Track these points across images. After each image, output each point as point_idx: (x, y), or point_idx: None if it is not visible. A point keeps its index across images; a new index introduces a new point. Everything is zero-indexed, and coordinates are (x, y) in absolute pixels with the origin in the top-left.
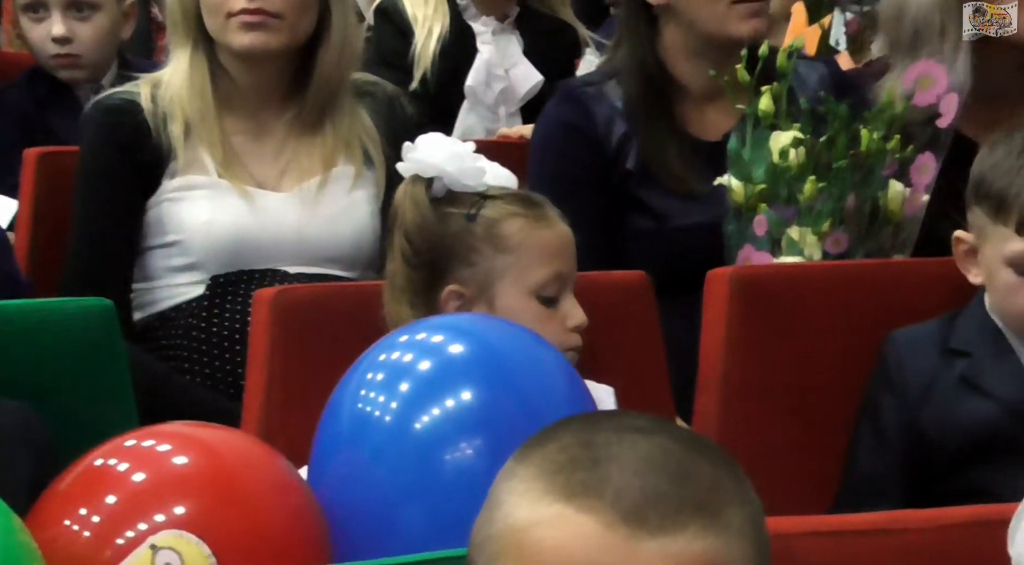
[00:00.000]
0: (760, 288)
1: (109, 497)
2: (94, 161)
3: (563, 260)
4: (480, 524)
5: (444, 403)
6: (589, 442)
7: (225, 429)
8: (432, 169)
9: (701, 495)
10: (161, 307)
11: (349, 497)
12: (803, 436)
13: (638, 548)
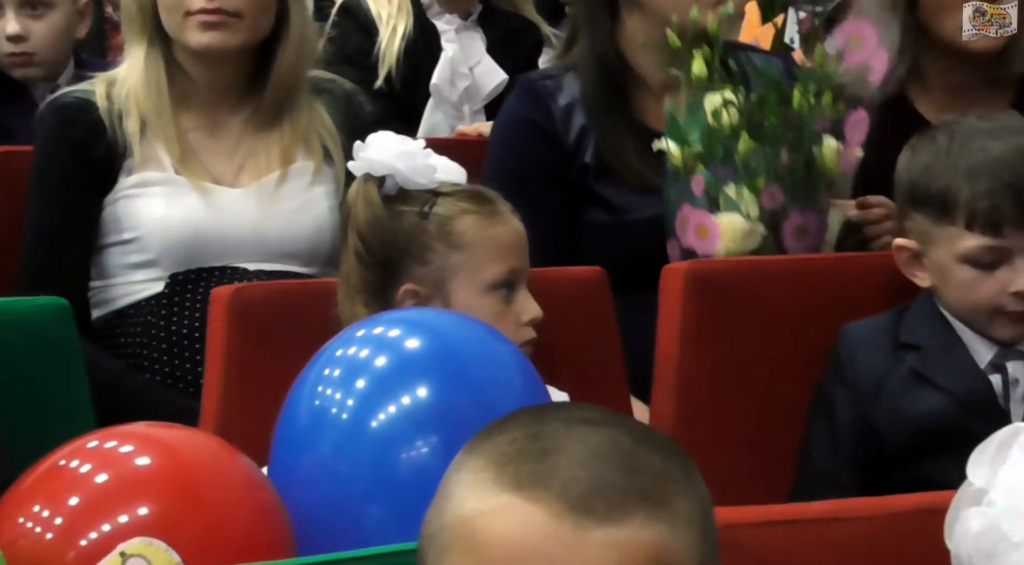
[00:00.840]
0: (714, 282)
1: (72, 498)
2: (48, 160)
3: (516, 255)
4: (431, 516)
5: (400, 400)
6: (538, 434)
7: (187, 429)
8: (383, 167)
9: (648, 486)
10: (119, 305)
11: (311, 494)
12: (757, 427)
13: (585, 537)
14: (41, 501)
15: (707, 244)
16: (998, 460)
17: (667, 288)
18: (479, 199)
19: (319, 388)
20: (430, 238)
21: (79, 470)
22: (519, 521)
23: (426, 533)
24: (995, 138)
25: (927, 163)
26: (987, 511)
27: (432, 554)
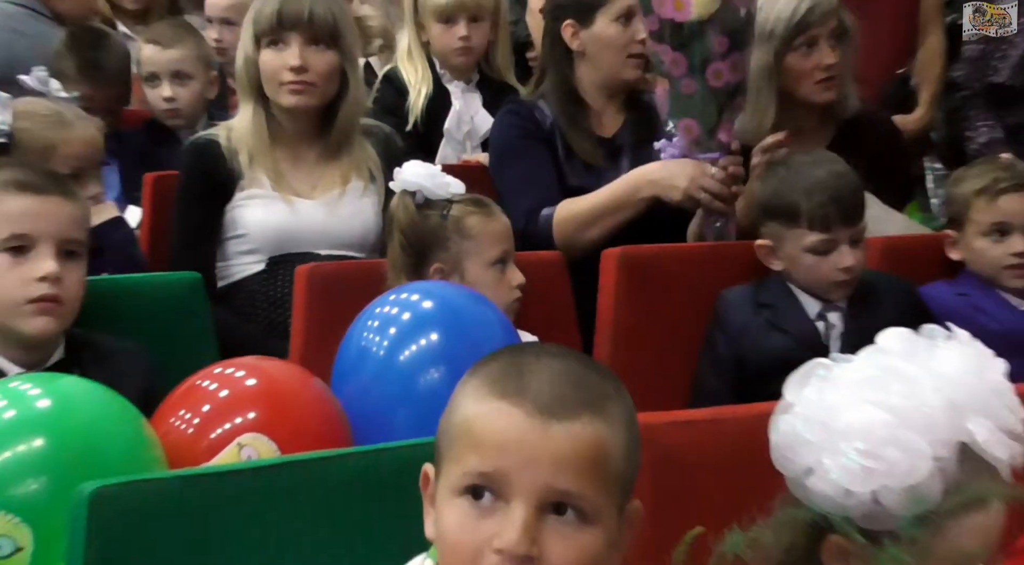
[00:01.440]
0: (640, 262)
1: (204, 406)
2: (188, 181)
3: (507, 240)
4: (444, 418)
5: (419, 342)
6: (517, 361)
7: (281, 361)
8: (414, 185)
9: (592, 397)
10: (235, 279)
11: (360, 405)
12: (665, 362)
13: (548, 430)
14: (184, 408)
15: (683, 13)
16: (803, 384)
17: (606, 266)
18: (479, 203)
19: (364, 333)
20: (448, 232)
21: (209, 387)
22: (504, 418)
23: (441, 429)
24: (817, 166)
25: (775, 187)
26: (790, 418)
27: (445, 443)
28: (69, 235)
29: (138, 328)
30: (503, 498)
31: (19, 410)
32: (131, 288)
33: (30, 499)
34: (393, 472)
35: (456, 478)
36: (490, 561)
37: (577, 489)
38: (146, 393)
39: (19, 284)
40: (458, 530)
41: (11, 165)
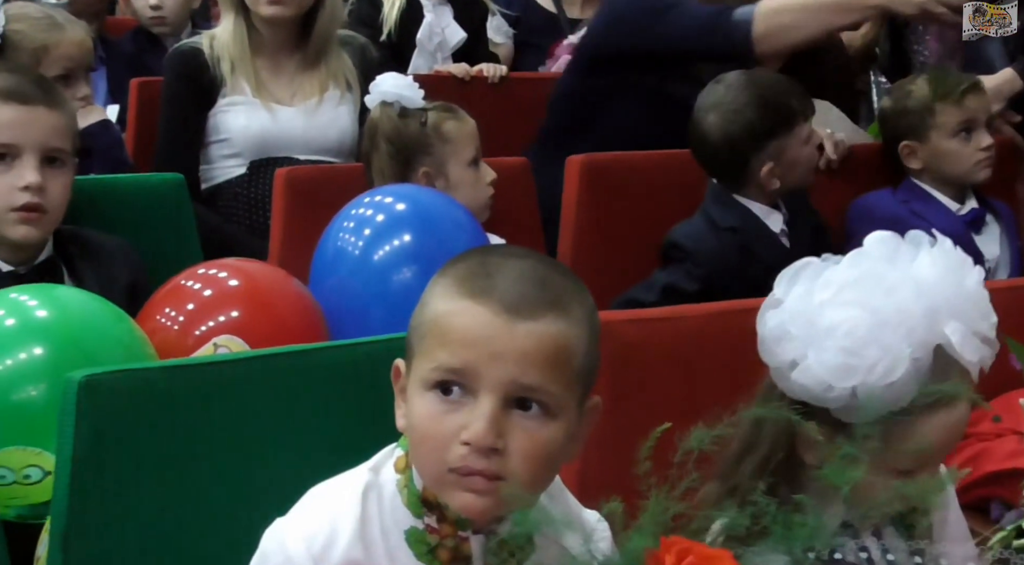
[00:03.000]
0: (601, 169)
1: (189, 305)
2: (172, 87)
3: (477, 140)
4: (415, 315)
5: (392, 242)
6: (485, 262)
7: (260, 263)
8: (392, 96)
9: (555, 297)
10: (217, 181)
11: (336, 302)
12: (625, 267)
13: (514, 328)
14: (169, 306)
15: None
16: (792, 281)
17: (569, 173)
18: (449, 109)
19: (340, 234)
20: (429, 138)
21: (192, 286)
22: (472, 316)
23: (412, 326)
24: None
25: (749, 104)
26: (778, 313)
27: (416, 339)
28: (53, 144)
29: (124, 227)
30: (471, 393)
31: (17, 320)
32: (117, 188)
33: (34, 420)
34: (367, 365)
35: (426, 372)
36: (457, 452)
37: (541, 384)
38: (134, 286)
39: (3, 192)
40: (427, 422)
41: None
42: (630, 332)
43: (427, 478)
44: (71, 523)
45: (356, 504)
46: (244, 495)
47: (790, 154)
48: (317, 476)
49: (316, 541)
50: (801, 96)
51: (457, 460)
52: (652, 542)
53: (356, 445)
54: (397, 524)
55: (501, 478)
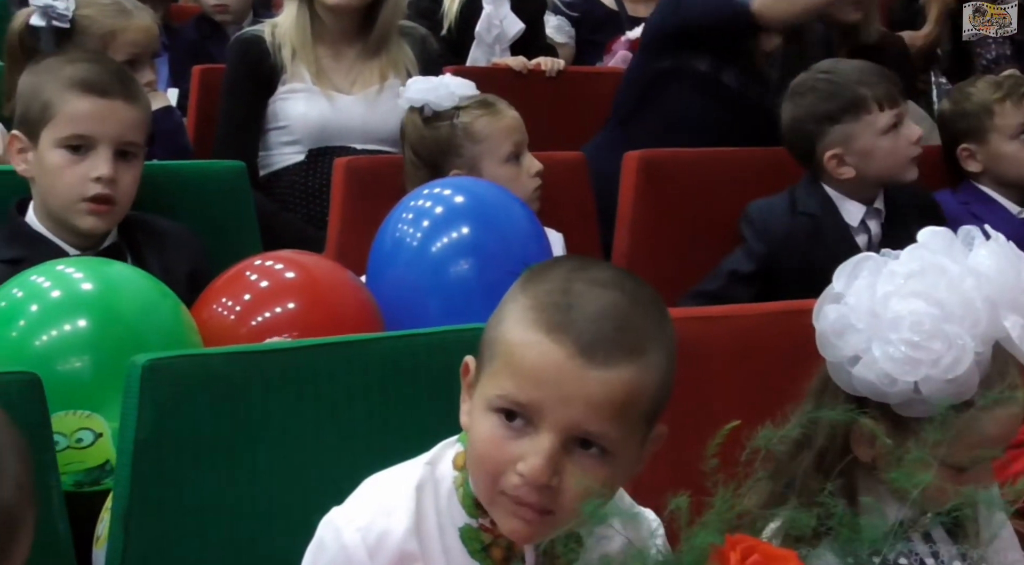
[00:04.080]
0: (660, 165)
1: (246, 295)
2: (234, 74)
3: (517, 133)
4: (492, 322)
5: (450, 234)
6: (567, 290)
7: (316, 255)
8: (419, 101)
9: (633, 341)
10: (275, 168)
11: (393, 294)
12: (683, 265)
13: (586, 374)
14: (226, 296)
15: None
16: (853, 275)
17: (627, 168)
18: (486, 104)
19: (398, 225)
20: (459, 139)
21: (250, 278)
22: (545, 355)
23: (487, 337)
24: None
25: (823, 91)
26: (840, 307)
27: (488, 352)
28: (128, 138)
29: (185, 213)
30: (532, 425)
31: (63, 292)
32: (179, 174)
33: (83, 386)
34: (424, 356)
35: (491, 396)
36: (512, 480)
37: (604, 431)
38: (195, 272)
39: (76, 181)
40: (487, 445)
41: (79, 61)
42: (689, 330)
43: (479, 494)
44: (132, 503)
45: (411, 498)
46: (300, 481)
47: (861, 143)
48: (372, 465)
49: (371, 532)
50: (879, 85)
51: (510, 488)
52: (717, 539)
53: (410, 436)
54: (452, 520)
55: (551, 512)
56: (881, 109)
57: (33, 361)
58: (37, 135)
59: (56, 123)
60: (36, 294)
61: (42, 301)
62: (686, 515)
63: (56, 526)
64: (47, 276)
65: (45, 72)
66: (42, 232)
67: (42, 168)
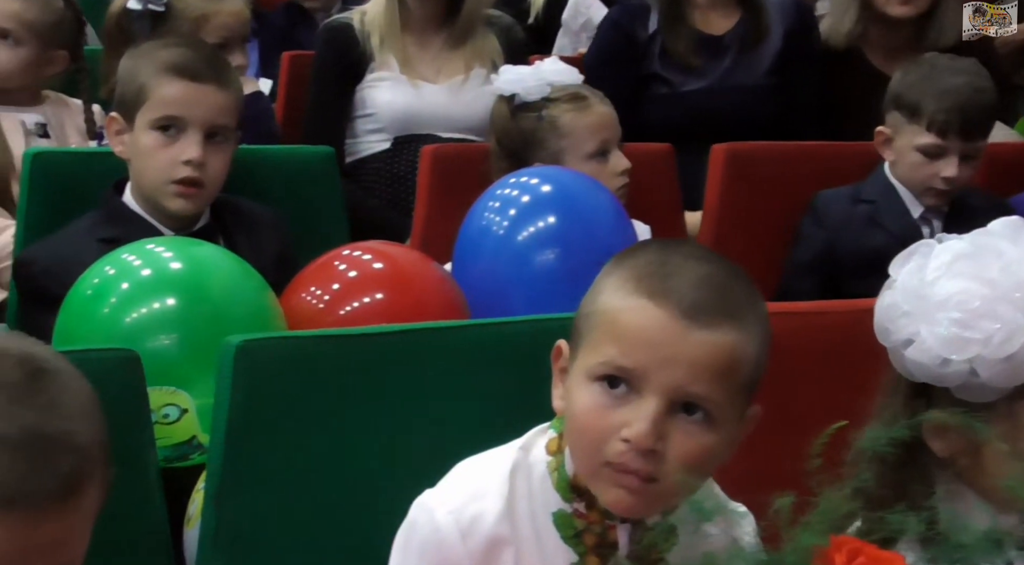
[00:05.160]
0: (746, 157)
1: (334, 285)
2: (323, 62)
3: (606, 130)
4: (586, 302)
5: (536, 223)
6: (665, 261)
7: (403, 247)
8: (508, 91)
9: (732, 306)
10: (361, 155)
11: (478, 283)
12: (769, 259)
13: (689, 335)
14: (315, 285)
15: None
16: (906, 261)
17: (714, 160)
18: (576, 98)
19: (484, 213)
20: (544, 133)
21: (339, 267)
22: (648, 317)
23: (582, 313)
24: (958, 74)
25: (911, 80)
26: (891, 292)
27: (585, 327)
28: (218, 121)
29: (274, 196)
30: (636, 391)
31: (152, 270)
32: (269, 159)
33: (170, 363)
34: (510, 345)
35: (593, 364)
36: (616, 447)
37: (708, 393)
38: (283, 255)
39: (166, 164)
40: (589, 414)
41: (174, 46)
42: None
43: (581, 468)
44: (224, 483)
45: (504, 482)
46: (387, 465)
47: (900, 142)
48: (456, 451)
49: (464, 515)
50: (949, 110)
51: (615, 456)
52: (821, 540)
53: (494, 423)
54: (545, 505)
55: (655, 480)
56: (929, 129)
57: (123, 337)
58: (132, 117)
59: (149, 105)
60: (127, 272)
61: (133, 279)
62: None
63: (153, 500)
64: (138, 254)
65: (142, 56)
66: (138, 212)
67: (136, 149)
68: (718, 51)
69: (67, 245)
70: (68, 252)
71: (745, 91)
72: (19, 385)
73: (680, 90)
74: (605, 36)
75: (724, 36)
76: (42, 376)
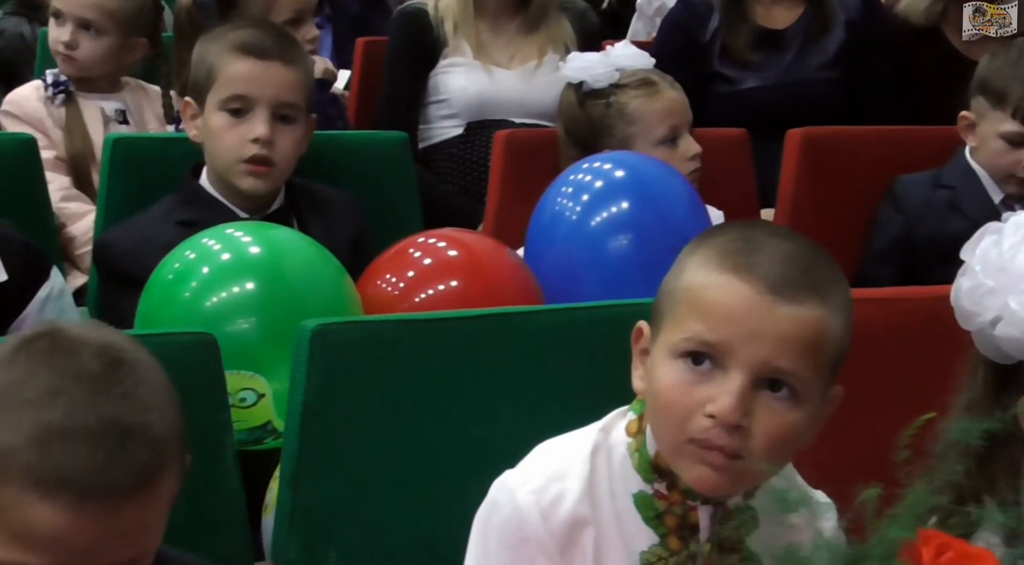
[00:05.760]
0: (822, 143)
1: (409, 272)
2: (396, 47)
3: (675, 116)
4: (668, 280)
5: (610, 208)
6: (749, 238)
7: (476, 234)
8: (576, 78)
9: (817, 282)
10: (434, 141)
11: (551, 268)
12: (845, 246)
13: (775, 309)
14: (390, 272)
15: None
16: (977, 244)
17: (789, 146)
18: (645, 84)
19: (557, 199)
20: (612, 120)
21: (414, 255)
22: (733, 292)
23: (664, 290)
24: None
25: (998, 65)
26: (970, 274)
27: (667, 305)
28: (286, 99)
29: (348, 181)
30: (721, 367)
31: (232, 255)
32: (343, 143)
33: (248, 347)
34: (584, 330)
35: (677, 341)
36: (701, 423)
37: (794, 369)
38: (357, 240)
39: (236, 143)
40: (673, 390)
41: (242, 27)
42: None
43: (664, 446)
44: (300, 465)
45: (585, 463)
46: (461, 448)
47: (983, 129)
48: (531, 435)
49: (545, 495)
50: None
51: (699, 432)
52: (909, 533)
53: (566, 407)
54: (626, 487)
55: (740, 457)
56: (1015, 117)
57: (203, 321)
58: (204, 100)
59: (218, 86)
60: (208, 256)
61: (213, 263)
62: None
63: (230, 482)
64: (218, 239)
65: (211, 39)
66: (214, 195)
67: (208, 131)
68: (780, 45)
69: (146, 228)
70: (147, 235)
71: (809, 85)
72: (98, 376)
73: (741, 88)
74: (666, 36)
75: (787, 30)
76: (120, 366)
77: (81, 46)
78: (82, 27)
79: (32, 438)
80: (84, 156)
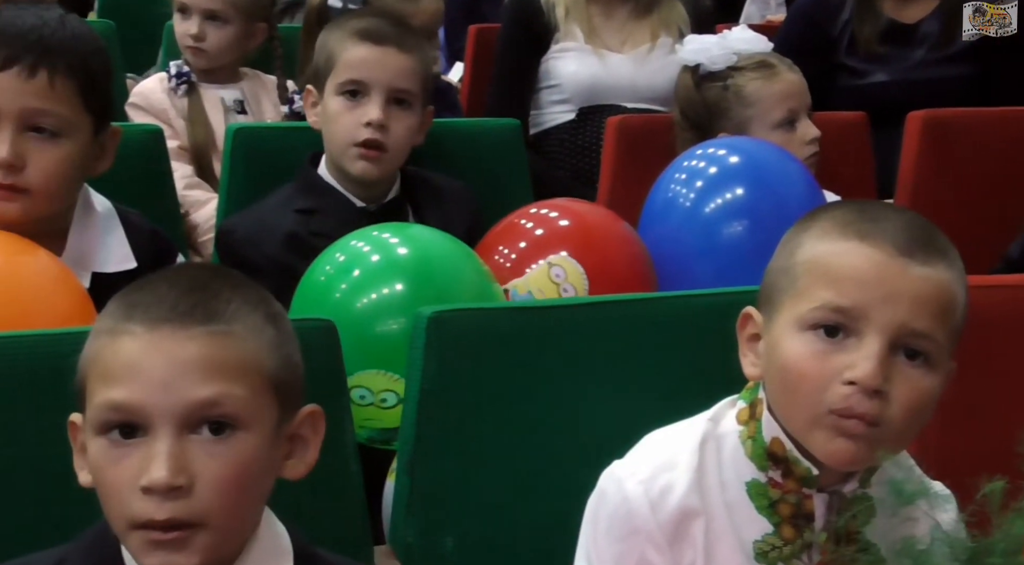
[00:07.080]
0: (944, 126)
1: (521, 243)
2: (508, 34)
3: (793, 99)
4: (780, 259)
5: (724, 194)
6: (864, 210)
7: (590, 203)
8: (693, 61)
9: (942, 247)
10: (546, 127)
11: (664, 253)
12: (968, 231)
13: (908, 270)
14: (503, 244)
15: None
16: None
17: (910, 130)
18: (762, 66)
19: (671, 184)
20: (729, 103)
21: (526, 226)
22: (864, 256)
23: (776, 269)
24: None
25: None
26: None
27: (784, 282)
28: (400, 85)
29: (461, 168)
30: (854, 334)
31: (381, 256)
32: (456, 131)
33: (398, 347)
34: (701, 317)
35: (805, 312)
36: (840, 392)
37: (930, 331)
38: (472, 229)
39: (350, 126)
40: (807, 361)
41: (361, 15)
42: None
43: (797, 423)
44: (417, 450)
45: (694, 453)
46: (575, 435)
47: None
48: (643, 423)
49: (654, 486)
50: None
51: (839, 401)
52: None
53: (681, 395)
54: (738, 476)
55: (878, 425)
56: None
57: (354, 321)
58: (323, 86)
59: (336, 71)
60: (357, 258)
61: (363, 265)
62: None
63: (349, 467)
64: (366, 241)
65: (333, 27)
66: (331, 183)
67: (325, 116)
68: (909, 41)
69: (266, 215)
70: (267, 222)
71: (937, 82)
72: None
73: (867, 81)
74: (793, 27)
75: (918, 25)
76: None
77: (209, 37)
78: (208, 18)
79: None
80: (206, 145)
